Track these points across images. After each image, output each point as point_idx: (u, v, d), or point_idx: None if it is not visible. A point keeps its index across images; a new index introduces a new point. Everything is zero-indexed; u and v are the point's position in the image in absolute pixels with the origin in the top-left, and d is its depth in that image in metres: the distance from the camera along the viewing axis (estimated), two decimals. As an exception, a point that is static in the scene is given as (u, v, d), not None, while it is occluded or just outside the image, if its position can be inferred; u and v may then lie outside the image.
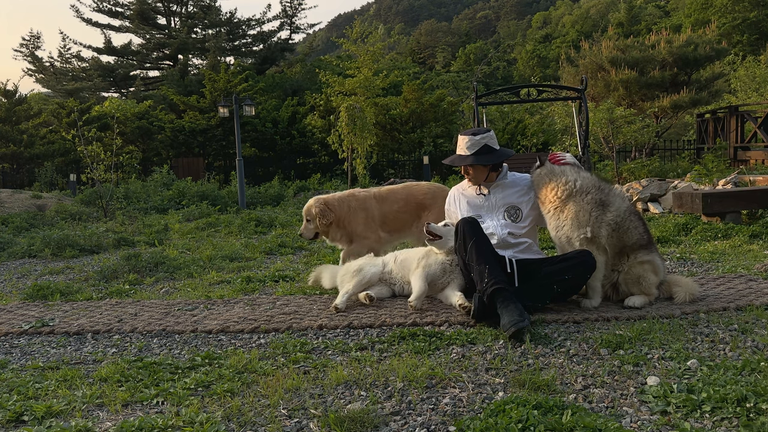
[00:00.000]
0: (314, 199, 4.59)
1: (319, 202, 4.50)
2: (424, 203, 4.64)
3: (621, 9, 51.80)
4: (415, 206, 4.65)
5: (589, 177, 3.42)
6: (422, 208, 4.63)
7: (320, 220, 4.46)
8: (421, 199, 4.66)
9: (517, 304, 2.92)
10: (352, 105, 11.87)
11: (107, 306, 4.06)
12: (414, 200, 4.65)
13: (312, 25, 40.59)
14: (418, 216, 4.63)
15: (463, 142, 3.66)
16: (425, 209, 4.62)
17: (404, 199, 4.66)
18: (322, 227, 4.49)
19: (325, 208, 4.47)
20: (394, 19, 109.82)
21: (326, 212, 4.46)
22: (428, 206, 4.62)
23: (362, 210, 4.56)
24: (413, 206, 4.64)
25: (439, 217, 4.43)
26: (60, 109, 21.37)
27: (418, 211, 4.63)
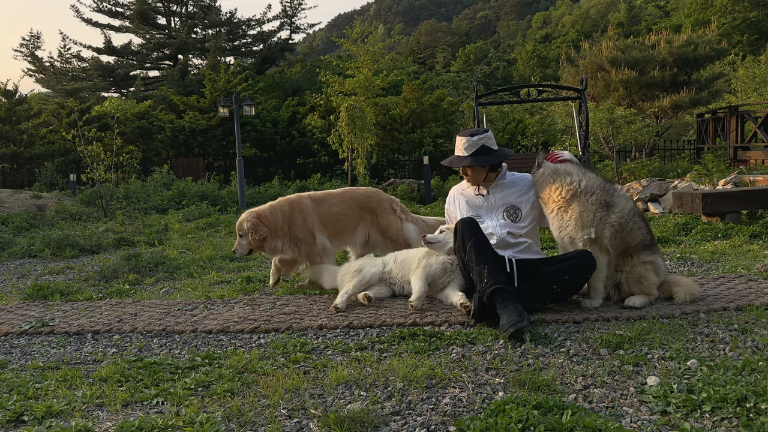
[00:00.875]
0: (247, 212, 4.33)
1: (251, 216, 4.25)
2: (366, 206, 4.50)
3: (621, 9, 51.79)
4: (356, 210, 4.48)
5: (595, 177, 3.41)
6: (364, 211, 4.49)
7: (252, 235, 4.17)
8: (364, 202, 4.51)
9: (516, 305, 2.92)
10: (352, 105, 11.87)
11: (107, 306, 4.06)
12: (355, 203, 4.49)
13: (312, 25, 40.64)
14: (360, 219, 4.48)
15: (461, 143, 3.66)
16: (367, 213, 4.50)
17: (345, 202, 4.48)
18: (255, 243, 4.21)
19: (257, 222, 4.20)
20: (394, 19, 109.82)
21: (259, 227, 4.19)
22: (371, 209, 4.50)
23: (299, 213, 4.32)
24: (355, 210, 4.48)
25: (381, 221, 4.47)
26: (60, 109, 21.37)
27: (361, 214, 4.49)
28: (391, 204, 4.59)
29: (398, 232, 4.50)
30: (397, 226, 4.51)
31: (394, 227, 4.51)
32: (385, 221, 4.51)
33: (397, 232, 4.49)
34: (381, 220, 4.51)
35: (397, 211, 4.58)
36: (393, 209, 4.57)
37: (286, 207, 4.32)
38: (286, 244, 4.30)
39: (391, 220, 4.52)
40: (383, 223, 4.50)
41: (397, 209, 4.59)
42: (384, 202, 4.57)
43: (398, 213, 4.57)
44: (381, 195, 4.65)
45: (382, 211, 4.52)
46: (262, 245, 4.25)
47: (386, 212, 4.53)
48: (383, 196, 4.63)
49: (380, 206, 4.52)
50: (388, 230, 4.49)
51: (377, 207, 4.51)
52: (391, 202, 4.61)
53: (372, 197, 4.57)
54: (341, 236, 4.48)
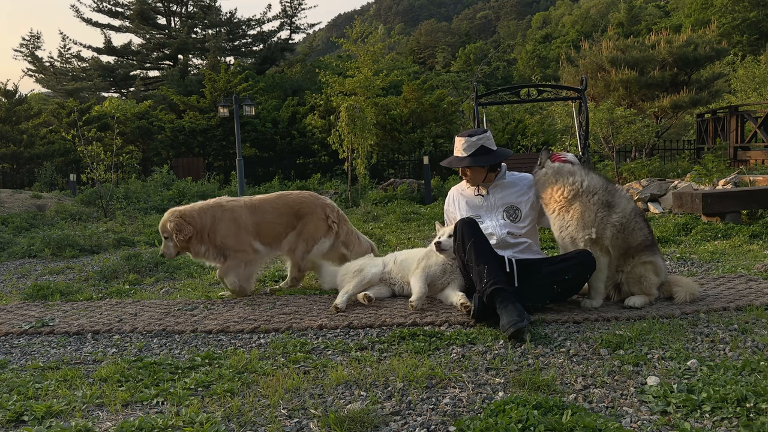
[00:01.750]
0: (169, 212, 4.11)
1: (175, 215, 4.02)
2: (300, 212, 4.30)
3: (621, 9, 51.80)
4: (291, 215, 4.29)
5: (597, 178, 3.41)
6: (298, 217, 4.29)
7: (177, 235, 3.96)
8: (297, 208, 4.30)
9: (516, 305, 2.92)
10: (352, 105, 11.85)
11: (107, 306, 4.06)
12: (289, 209, 4.29)
13: (312, 25, 40.63)
14: (293, 226, 4.28)
15: (459, 143, 3.65)
16: (301, 218, 4.29)
17: (278, 208, 4.27)
18: (180, 243, 4.00)
19: (182, 222, 3.98)
20: (394, 19, 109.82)
21: (183, 226, 3.97)
22: (304, 215, 4.29)
23: (232, 221, 4.11)
24: (289, 215, 4.28)
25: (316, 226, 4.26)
26: (60, 109, 21.37)
27: (294, 220, 4.28)
28: (324, 210, 4.35)
29: (313, 238, 4.27)
30: (316, 234, 4.28)
31: (313, 234, 4.28)
32: (311, 226, 4.28)
33: (312, 240, 4.27)
34: (307, 224, 4.28)
35: (330, 218, 4.34)
36: (325, 216, 4.34)
37: (218, 212, 4.10)
38: (211, 251, 4.08)
39: (318, 227, 4.29)
40: (306, 228, 4.28)
41: (330, 216, 4.35)
42: (317, 206, 4.34)
43: (329, 222, 4.34)
44: (315, 200, 4.40)
45: (312, 217, 4.30)
46: (187, 246, 4.05)
47: (316, 218, 4.30)
48: (318, 202, 4.39)
49: (312, 211, 4.30)
50: (306, 234, 4.27)
51: (308, 212, 4.30)
52: (325, 208, 4.36)
53: (305, 203, 4.34)
54: (273, 244, 4.26)
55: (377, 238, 6.87)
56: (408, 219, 8.62)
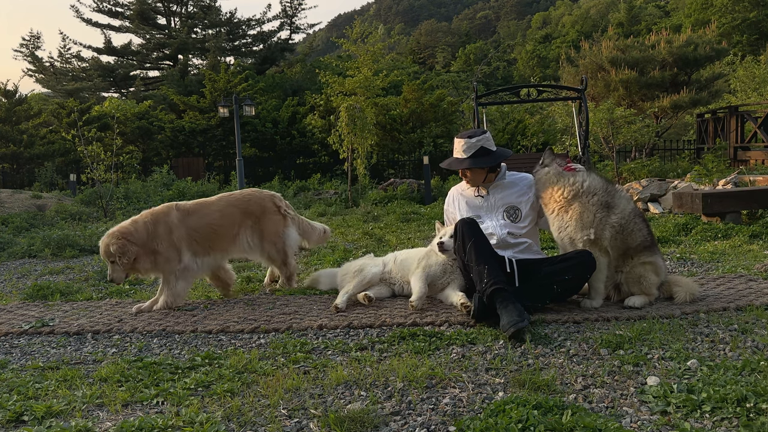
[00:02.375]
0: (108, 235, 3.81)
1: (114, 238, 3.76)
2: (247, 211, 4.12)
3: (621, 9, 51.81)
4: (237, 216, 4.10)
5: (597, 178, 3.41)
6: (246, 216, 4.11)
7: (121, 259, 3.73)
8: (243, 207, 4.13)
9: (516, 305, 2.92)
10: (352, 105, 11.84)
11: (107, 306, 4.06)
12: (234, 210, 4.10)
13: (312, 25, 40.64)
14: (241, 226, 4.10)
15: (459, 144, 3.64)
16: (248, 218, 4.12)
17: (220, 210, 4.06)
18: (126, 267, 3.78)
19: (125, 243, 3.75)
20: (394, 19, 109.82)
21: (126, 248, 3.74)
22: (251, 214, 4.13)
23: (163, 225, 3.89)
24: (234, 217, 4.09)
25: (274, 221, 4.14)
26: (60, 109, 21.37)
27: (243, 220, 4.11)
28: (274, 202, 4.24)
29: (278, 235, 4.17)
30: (277, 229, 4.18)
31: (274, 230, 4.17)
32: (268, 223, 4.15)
33: (277, 236, 4.17)
34: (263, 222, 4.14)
35: (282, 208, 4.24)
36: (277, 207, 4.22)
37: (149, 220, 3.89)
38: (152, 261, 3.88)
39: (275, 222, 4.18)
40: (264, 226, 4.14)
41: (282, 206, 4.25)
42: (266, 201, 4.21)
43: (282, 211, 4.23)
44: (261, 194, 4.27)
45: (265, 212, 4.16)
46: (135, 267, 3.83)
47: (269, 213, 4.18)
48: (264, 195, 4.26)
49: (262, 207, 4.17)
50: (268, 233, 4.15)
51: (258, 209, 4.16)
52: (273, 200, 4.25)
53: (252, 199, 4.20)
54: (221, 249, 4.04)
55: (377, 238, 6.87)
56: (408, 219, 8.62)
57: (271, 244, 4.16)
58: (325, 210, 10.56)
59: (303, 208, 11.64)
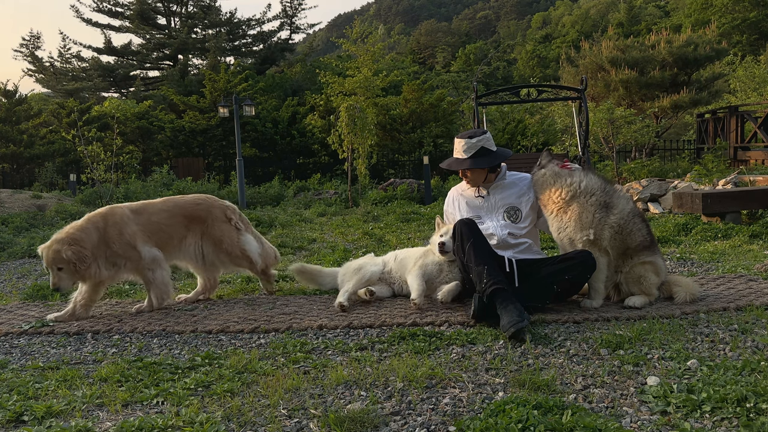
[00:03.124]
0: (57, 241, 3.61)
1: (66, 244, 3.58)
2: (194, 215, 4.02)
3: (621, 9, 51.86)
4: (182, 219, 3.98)
5: (595, 178, 3.41)
6: (192, 221, 4.01)
7: (77, 266, 3.56)
8: (190, 210, 4.02)
9: (516, 305, 2.92)
10: (352, 105, 11.84)
11: (107, 306, 4.06)
12: (180, 212, 3.99)
13: (312, 25, 40.55)
14: (187, 230, 3.99)
15: (459, 145, 3.63)
16: (195, 222, 4.02)
17: (167, 210, 3.97)
18: (78, 274, 3.61)
19: (80, 249, 3.58)
20: (394, 19, 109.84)
21: (82, 254, 3.58)
22: (200, 219, 4.03)
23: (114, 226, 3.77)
24: (180, 220, 3.98)
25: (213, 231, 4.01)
26: (60, 109, 21.37)
27: (189, 224, 4.00)
28: (224, 212, 4.12)
29: (234, 243, 4.05)
30: (233, 237, 4.06)
31: (229, 238, 4.05)
32: (219, 231, 4.04)
33: (233, 243, 4.05)
34: (213, 230, 4.02)
35: (233, 219, 4.12)
36: (228, 218, 4.11)
37: (99, 222, 3.75)
38: (102, 265, 3.72)
39: (225, 230, 4.06)
40: (216, 234, 4.03)
41: (234, 217, 4.14)
42: (216, 209, 4.09)
43: (234, 222, 4.12)
44: (213, 202, 4.15)
45: (214, 220, 4.04)
46: (88, 272, 3.64)
47: (219, 221, 4.05)
48: (216, 204, 4.14)
49: (211, 215, 4.04)
50: (222, 241, 4.03)
51: (208, 216, 4.04)
52: (225, 210, 4.14)
53: (201, 205, 4.07)
54: (167, 250, 3.94)
55: (377, 238, 6.87)
56: (408, 219, 8.62)
57: (226, 254, 4.04)
58: (325, 210, 10.56)
59: (303, 208, 11.64)
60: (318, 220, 9.48)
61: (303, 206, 11.92)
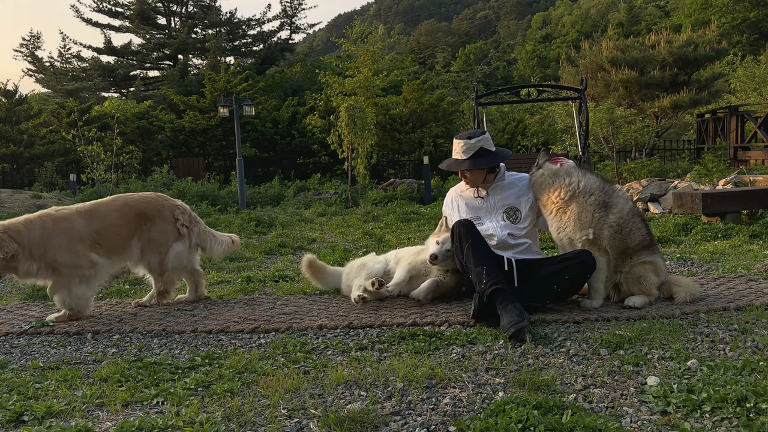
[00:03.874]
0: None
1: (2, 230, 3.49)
2: (145, 214, 3.88)
3: (621, 9, 51.87)
4: (134, 218, 3.86)
5: (594, 178, 3.41)
6: (143, 220, 3.87)
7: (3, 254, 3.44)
8: (141, 209, 3.89)
9: (516, 305, 2.92)
10: (352, 105, 11.84)
11: (107, 306, 4.06)
12: (132, 211, 3.86)
13: (312, 25, 40.58)
14: (138, 229, 3.86)
15: (458, 146, 3.63)
16: (147, 221, 3.88)
17: (118, 210, 3.83)
18: (1, 263, 3.47)
19: (5, 237, 3.47)
20: (394, 19, 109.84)
21: (5, 242, 3.46)
22: (151, 217, 3.89)
23: (64, 231, 3.62)
24: (132, 218, 3.85)
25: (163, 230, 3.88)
26: (60, 109, 21.38)
27: (139, 223, 3.87)
28: (173, 212, 3.97)
29: (166, 246, 3.89)
30: (167, 240, 3.90)
31: (164, 240, 3.89)
32: (159, 232, 3.89)
33: (164, 246, 3.89)
34: (155, 229, 3.88)
35: (179, 221, 3.96)
36: (174, 219, 3.95)
37: (48, 223, 3.62)
38: (43, 269, 3.59)
39: (166, 232, 3.90)
40: (155, 234, 3.88)
41: (180, 219, 3.97)
42: (165, 209, 3.95)
43: (178, 224, 3.95)
44: (162, 201, 4.00)
45: (161, 220, 3.91)
46: (10, 266, 3.52)
47: (164, 221, 3.92)
48: (165, 203, 3.99)
49: (159, 214, 3.91)
50: (156, 242, 3.88)
51: (155, 215, 3.91)
52: (174, 210, 3.98)
53: (151, 203, 3.94)
54: (117, 251, 3.82)
55: (377, 238, 6.87)
56: (408, 219, 8.62)
57: (154, 253, 3.90)
58: (325, 210, 10.56)
59: (303, 208, 11.65)
60: (318, 220, 9.48)
61: (303, 206, 11.92)
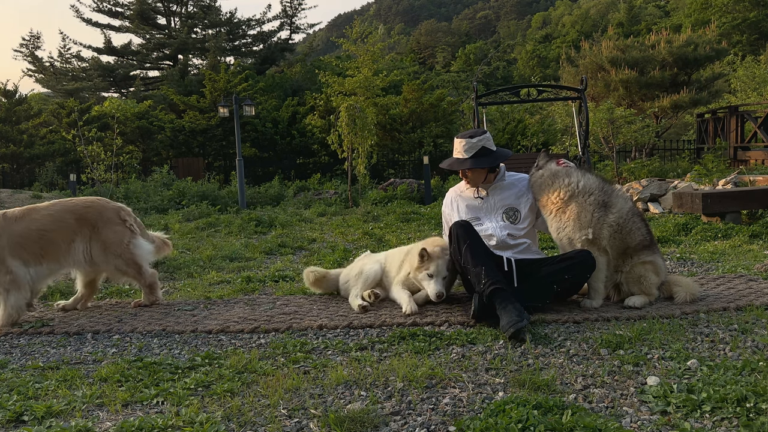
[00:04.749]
0: None
1: None
2: (86, 218, 3.80)
3: (621, 9, 51.86)
4: (73, 223, 3.76)
5: (593, 178, 3.41)
6: (85, 225, 3.79)
7: None
8: (80, 213, 3.81)
9: (515, 305, 2.92)
10: (352, 105, 11.84)
11: (107, 306, 4.06)
12: (71, 216, 3.77)
13: (312, 25, 40.54)
14: (76, 234, 3.77)
15: (460, 145, 3.63)
16: (89, 226, 3.80)
17: (52, 215, 3.73)
18: None
19: None
20: (394, 19, 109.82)
21: None
22: (94, 222, 3.82)
23: None
24: (68, 223, 3.75)
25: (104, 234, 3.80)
26: (60, 109, 21.36)
27: (81, 228, 3.78)
28: (118, 213, 3.93)
29: (124, 246, 3.86)
30: (122, 240, 3.86)
31: (118, 240, 3.85)
32: (110, 234, 3.83)
33: (122, 246, 3.85)
34: (104, 232, 3.81)
35: (127, 221, 3.93)
36: (121, 219, 3.91)
37: None
38: None
39: (117, 232, 3.86)
40: (106, 237, 3.82)
41: (128, 219, 3.94)
42: (108, 211, 3.89)
43: (128, 224, 3.93)
44: (104, 204, 3.96)
45: (106, 223, 3.84)
46: None
47: (111, 223, 3.86)
48: (107, 206, 3.95)
49: (102, 217, 3.85)
50: (111, 244, 3.83)
51: (98, 218, 3.84)
52: (119, 212, 3.94)
53: (91, 207, 3.87)
54: (52, 257, 3.70)
55: (377, 238, 6.87)
56: (408, 219, 8.62)
57: (117, 256, 3.84)
58: (325, 210, 10.56)
59: (303, 208, 11.64)
60: (318, 220, 9.48)
61: (303, 206, 11.91)
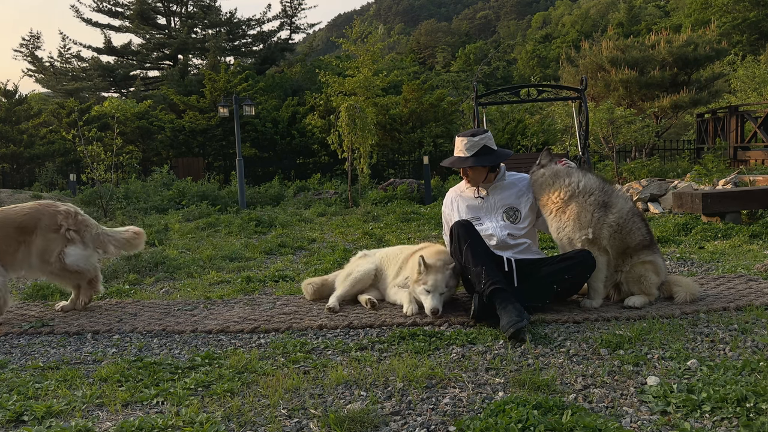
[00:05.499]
0: None
1: None
2: (25, 227, 3.75)
3: (621, 9, 51.84)
4: (13, 231, 3.73)
5: (593, 178, 3.41)
6: (25, 232, 3.76)
7: None
8: (20, 222, 3.75)
9: (515, 305, 2.92)
10: (352, 105, 11.84)
11: (107, 306, 4.06)
12: (11, 225, 3.74)
13: (312, 25, 40.54)
14: (20, 243, 3.75)
15: (461, 143, 3.63)
16: (29, 233, 3.76)
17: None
18: None
19: None
20: (394, 19, 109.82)
21: None
22: (30, 230, 3.77)
23: None
24: (10, 232, 3.72)
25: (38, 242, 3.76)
26: (60, 109, 21.37)
27: (20, 236, 3.74)
28: (56, 220, 3.84)
29: (54, 255, 3.78)
30: (53, 249, 3.78)
31: (51, 249, 3.78)
32: (42, 242, 3.78)
33: (53, 255, 3.78)
34: (38, 240, 3.77)
35: (63, 228, 3.83)
36: (58, 226, 3.82)
37: None
38: None
39: (51, 240, 3.79)
40: (40, 245, 3.77)
41: (64, 225, 3.84)
42: (45, 218, 3.81)
43: (63, 231, 3.83)
44: (44, 211, 3.86)
45: (42, 230, 3.78)
46: None
47: (46, 231, 3.79)
48: (47, 211, 3.86)
49: (39, 224, 3.79)
50: (44, 252, 3.78)
51: (36, 226, 3.78)
52: (56, 217, 3.85)
53: (30, 215, 3.81)
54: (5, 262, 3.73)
55: (377, 237, 6.87)
56: (408, 219, 8.62)
57: (45, 263, 3.80)
58: (325, 210, 10.56)
59: (303, 208, 11.64)
60: (318, 220, 9.48)
61: (303, 206, 11.92)
